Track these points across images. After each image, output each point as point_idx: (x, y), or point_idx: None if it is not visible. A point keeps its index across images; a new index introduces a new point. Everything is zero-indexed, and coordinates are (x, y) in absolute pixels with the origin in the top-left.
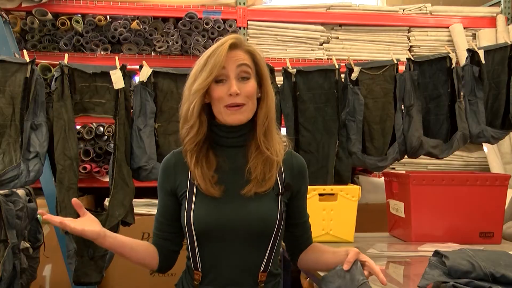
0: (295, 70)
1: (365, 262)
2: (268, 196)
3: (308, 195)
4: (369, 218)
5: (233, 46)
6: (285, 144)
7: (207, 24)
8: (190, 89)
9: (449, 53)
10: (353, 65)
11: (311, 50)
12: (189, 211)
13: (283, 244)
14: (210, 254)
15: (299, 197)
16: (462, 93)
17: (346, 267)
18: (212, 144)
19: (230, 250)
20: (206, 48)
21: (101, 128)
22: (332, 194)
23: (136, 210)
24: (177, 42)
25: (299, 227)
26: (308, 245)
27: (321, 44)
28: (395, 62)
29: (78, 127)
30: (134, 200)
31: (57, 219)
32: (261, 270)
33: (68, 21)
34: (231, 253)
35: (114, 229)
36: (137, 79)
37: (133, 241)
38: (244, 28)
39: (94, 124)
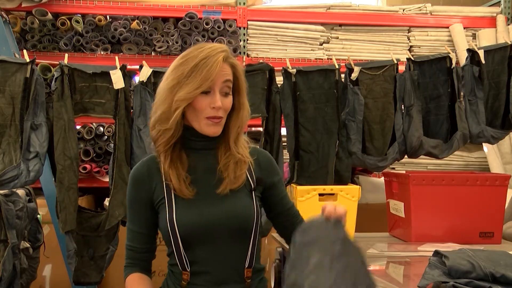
0: (295, 70)
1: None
2: (242, 192)
3: (308, 195)
4: (369, 218)
5: (224, 59)
6: (248, 144)
7: (207, 24)
8: (172, 91)
9: (449, 53)
10: (353, 65)
11: (311, 50)
12: (171, 216)
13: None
14: (197, 255)
15: (274, 187)
16: (462, 93)
17: (327, 218)
18: (183, 146)
19: (215, 249)
20: None
21: (101, 128)
22: (332, 194)
23: None
24: (177, 42)
25: (286, 216)
26: None
27: (321, 44)
28: (395, 62)
29: (78, 127)
30: None
31: None
32: (246, 266)
33: (68, 21)
34: (216, 252)
35: (114, 229)
36: (137, 79)
37: None
38: (244, 28)
39: (94, 124)
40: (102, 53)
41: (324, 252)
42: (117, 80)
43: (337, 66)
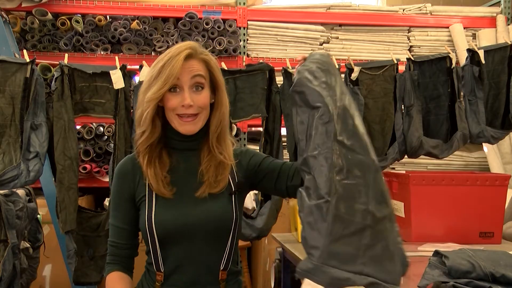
0: (295, 70)
1: None
2: (222, 196)
3: None
4: None
5: (189, 56)
6: (234, 146)
7: (207, 24)
8: (145, 94)
9: (449, 53)
10: (353, 65)
11: (311, 50)
12: (150, 215)
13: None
14: (172, 255)
15: (257, 166)
16: (462, 93)
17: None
18: (166, 146)
19: (191, 251)
20: (205, 48)
21: (101, 128)
22: None
23: None
24: (177, 42)
25: (284, 169)
26: None
27: (321, 44)
28: (395, 62)
29: (78, 127)
30: None
31: None
32: (221, 268)
33: (68, 21)
34: (192, 253)
35: None
36: (137, 79)
37: None
38: (244, 28)
39: (94, 124)
40: (102, 53)
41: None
42: (117, 80)
43: (337, 66)
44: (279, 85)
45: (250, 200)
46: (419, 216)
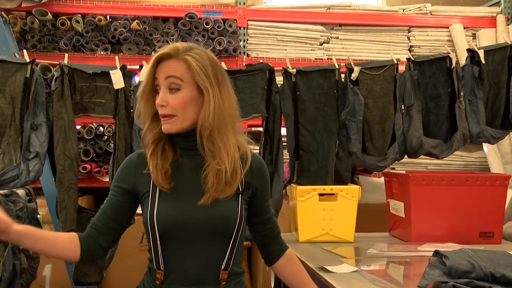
0: (295, 70)
1: None
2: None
3: (308, 195)
4: (369, 218)
5: (166, 57)
6: (241, 148)
7: (207, 24)
8: None
9: (449, 53)
10: (353, 65)
11: (311, 50)
12: (152, 211)
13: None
14: (173, 253)
15: (260, 194)
16: (462, 93)
17: None
18: (172, 143)
19: (192, 249)
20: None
21: (101, 128)
22: (332, 194)
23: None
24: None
25: (266, 224)
26: (283, 249)
27: (321, 44)
28: (395, 62)
29: (78, 127)
30: None
31: None
32: (223, 268)
33: (68, 21)
34: (193, 251)
35: None
36: (137, 79)
37: (51, 233)
38: (244, 28)
39: (94, 124)
40: (102, 53)
41: None
42: (117, 80)
43: (337, 66)
44: (279, 85)
45: None
46: (419, 216)
